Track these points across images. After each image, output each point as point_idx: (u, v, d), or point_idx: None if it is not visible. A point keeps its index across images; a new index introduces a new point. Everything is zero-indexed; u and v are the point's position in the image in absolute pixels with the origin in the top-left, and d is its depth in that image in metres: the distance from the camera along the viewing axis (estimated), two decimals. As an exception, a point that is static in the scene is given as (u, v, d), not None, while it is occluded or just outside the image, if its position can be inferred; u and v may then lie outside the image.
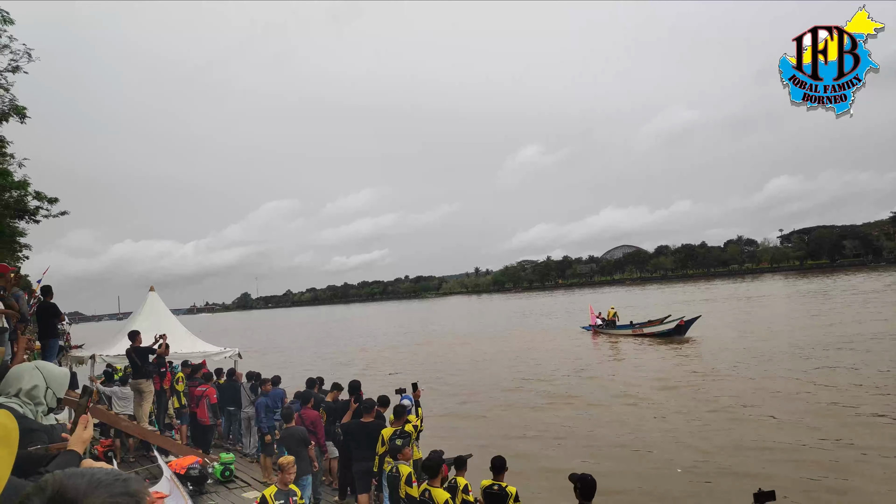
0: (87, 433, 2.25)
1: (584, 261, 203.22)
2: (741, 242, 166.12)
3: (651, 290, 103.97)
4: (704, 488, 10.72)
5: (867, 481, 10.40)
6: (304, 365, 31.58)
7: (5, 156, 18.00)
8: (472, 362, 28.97)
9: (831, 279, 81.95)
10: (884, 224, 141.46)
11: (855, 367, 19.45)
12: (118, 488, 1.15)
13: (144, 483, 1.29)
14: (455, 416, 17.56)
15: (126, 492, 1.16)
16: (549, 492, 10.43)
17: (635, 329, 35.82)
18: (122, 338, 13.86)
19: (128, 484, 1.18)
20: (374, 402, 8.81)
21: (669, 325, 33.20)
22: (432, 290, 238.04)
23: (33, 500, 1.10)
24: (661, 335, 33.14)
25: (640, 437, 14.00)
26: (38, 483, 1.16)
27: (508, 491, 6.44)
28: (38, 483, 1.16)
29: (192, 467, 9.86)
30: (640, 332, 35.06)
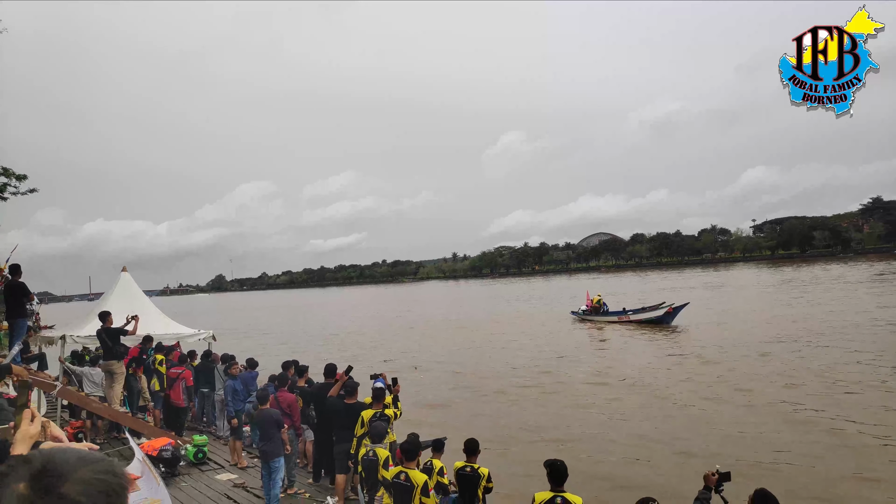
0: (35, 428, 2.00)
1: (560, 247, 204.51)
2: (715, 231, 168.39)
3: (626, 277, 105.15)
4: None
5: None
6: (281, 349, 31.44)
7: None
8: (467, 348, 28.70)
9: (804, 269, 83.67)
10: (853, 216, 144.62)
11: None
12: (104, 466, 1.17)
13: (123, 466, 1.30)
14: (448, 402, 17.58)
15: (112, 471, 1.17)
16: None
17: (621, 316, 35.42)
18: (93, 318, 13.63)
19: (112, 464, 1.20)
20: (357, 385, 8.84)
21: (658, 312, 32.93)
22: (409, 274, 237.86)
23: (18, 471, 1.10)
24: (648, 322, 32.86)
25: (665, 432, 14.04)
26: (25, 455, 1.16)
27: (481, 472, 6.51)
28: (26, 455, 1.16)
29: (165, 449, 9.80)
30: (627, 319, 34.71)
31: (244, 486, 9.34)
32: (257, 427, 9.03)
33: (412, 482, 6.19)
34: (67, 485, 1.08)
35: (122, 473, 1.18)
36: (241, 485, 9.39)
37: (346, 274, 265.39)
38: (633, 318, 34.40)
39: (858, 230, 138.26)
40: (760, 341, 23.76)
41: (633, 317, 34.43)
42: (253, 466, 10.23)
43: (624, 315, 35.32)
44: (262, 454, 8.53)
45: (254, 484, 9.34)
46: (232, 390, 10.74)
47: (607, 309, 37.66)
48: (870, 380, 16.36)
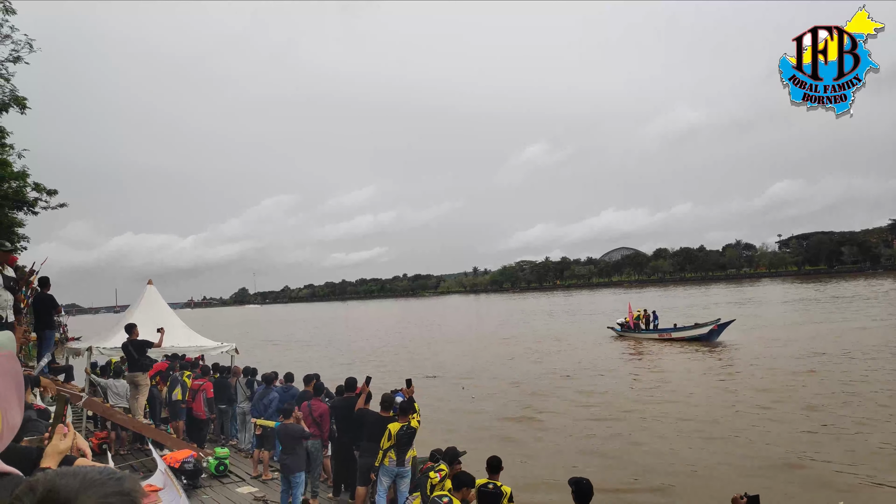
0: (65, 444, 2.05)
1: (582, 262, 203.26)
2: (739, 247, 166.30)
3: (648, 292, 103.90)
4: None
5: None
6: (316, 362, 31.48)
7: (5, 146, 17.98)
8: (506, 366, 27.67)
9: (834, 285, 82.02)
10: (882, 231, 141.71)
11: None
12: (111, 487, 1.12)
13: (139, 480, 1.26)
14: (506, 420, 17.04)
15: (120, 491, 1.13)
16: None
17: (663, 333, 33.91)
18: (119, 330, 13.80)
19: (121, 482, 1.15)
20: (393, 398, 8.83)
21: (702, 329, 31.20)
22: (430, 288, 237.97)
23: (24, 501, 1.07)
24: (692, 340, 31.30)
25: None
26: (28, 482, 1.13)
27: (503, 490, 6.43)
28: (29, 482, 1.13)
29: (187, 461, 9.84)
30: (669, 336, 33.15)
31: (265, 499, 9.33)
32: (279, 441, 9.04)
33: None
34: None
35: (131, 490, 1.14)
36: (261, 498, 9.37)
37: (368, 288, 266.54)
38: (675, 335, 32.83)
39: (888, 245, 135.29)
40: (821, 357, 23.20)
41: (676, 334, 32.84)
42: (275, 479, 10.22)
43: (665, 333, 33.80)
44: (283, 468, 8.52)
45: (275, 497, 9.33)
46: (268, 401, 10.78)
47: (658, 323, 35.95)
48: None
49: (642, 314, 36.99)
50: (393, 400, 8.79)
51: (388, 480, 8.09)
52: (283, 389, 11.13)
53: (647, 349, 30.88)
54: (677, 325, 34.00)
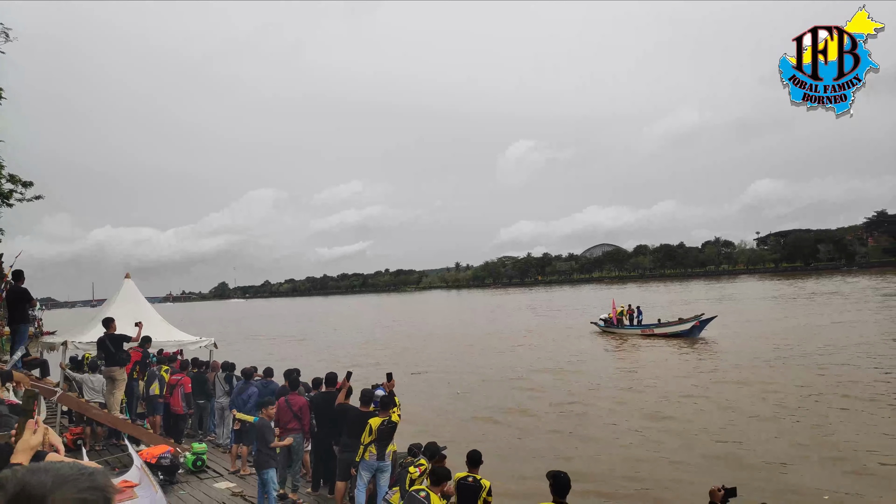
0: (36, 439, 2.03)
1: (564, 258, 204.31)
2: (718, 244, 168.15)
3: (629, 288, 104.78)
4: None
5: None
6: (297, 358, 31.30)
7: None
8: (493, 365, 26.90)
9: (812, 282, 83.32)
10: (857, 229, 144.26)
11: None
12: (85, 483, 1.10)
13: (110, 475, 1.24)
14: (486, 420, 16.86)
15: (93, 486, 1.11)
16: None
17: (645, 329, 34.23)
18: (96, 325, 13.61)
19: (94, 478, 1.13)
20: (374, 393, 8.83)
21: (684, 326, 31.70)
22: (412, 284, 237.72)
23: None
24: (674, 336, 31.70)
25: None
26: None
27: (483, 483, 6.47)
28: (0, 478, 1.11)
29: (164, 457, 9.74)
30: (651, 332, 33.59)
31: (242, 494, 9.27)
32: (254, 437, 8.98)
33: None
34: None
35: (104, 485, 1.13)
36: (239, 493, 9.32)
37: (349, 283, 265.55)
38: (657, 331, 33.26)
39: (863, 244, 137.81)
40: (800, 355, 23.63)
41: (658, 330, 33.25)
42: (253, 474, 10.16)
43: (648, 328, 34.15)
44: (255, 464, 8.48)
45: (252, 493, 9.28)
46: (247, 396, 10.67)
47: (642, 319, 36.27)
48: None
49: (626, 310, 37.23)
50: (373, 395, 8.79)
51: (368, 475, 8.08)
52: (262, 384, 11.04)
53: (630, 345, 31.09)
54: (661, 321, 34.26)
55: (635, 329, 35.14)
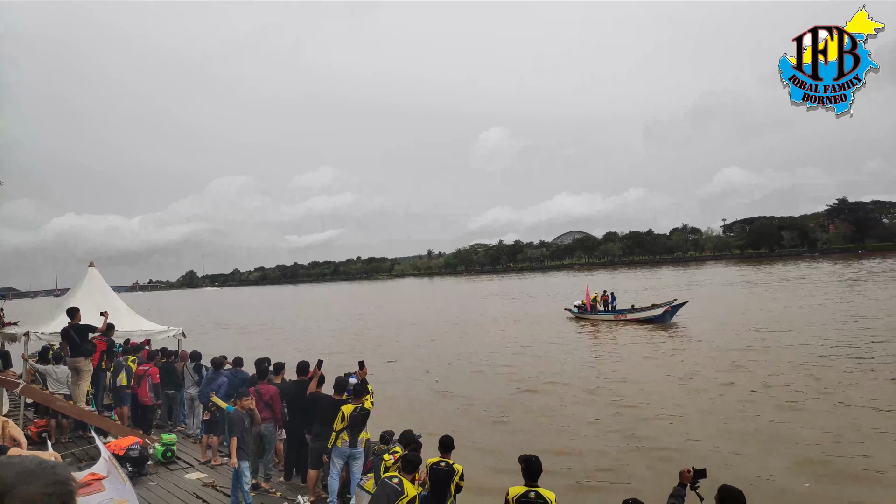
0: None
1: (535, 245, 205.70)
2: (686, 231, 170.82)
3: (599, 275, 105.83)
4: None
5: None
6: (268, 347, 31.03)
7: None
8: (469, 351, 27.07)
9: (778, 267, 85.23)
10: (819, 217, 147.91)
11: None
12: (49, 477, 1.09)
13: (77, 468, 1.21)
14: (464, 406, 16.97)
15: (57, 480, 1.09)
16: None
17: (618, 315, 34.62)
18: (59, 315, 13.30)
19: (56, 471, 1.11)
20: (347, 382, 8.79)
21: (655, 311, 32.23)
22: (385, 271, 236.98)
23: None
24: (647, 321, 32.17)
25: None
26: None
27: (455, 468, 6.53)
28: None
29: (132, 448, 9.61)
30: (624, 318, 33.99)
31: (214, 484, 9.20)
32: (227, 427, 8.88)
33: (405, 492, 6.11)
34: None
35: (66, 479, 1.11)
36: (210, 484, 9.24)
37: (320, 270, 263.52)
38: (630, 317, 33.67)
39: (825, 230, 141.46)
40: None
41: (631, 316, 33.66)
42: (224, 464, 10.09)
43: (621, 314, 34.56)
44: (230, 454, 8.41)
45: (223, 483, 9.21)
46: (216, 385, 10.54)
47: (615, 305, 36.53)
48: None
49: (599, 296, 37.61)
50: (346, 383, 8.77)
51: (340, 462, 8.08)
52: (232, 374, 10.93)
53: (603, 330, 31.47)
54: (634, 307, 34.64)
55: (608, 315, 35.53)
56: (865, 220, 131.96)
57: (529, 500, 5.38)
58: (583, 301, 37.90)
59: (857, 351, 20.02)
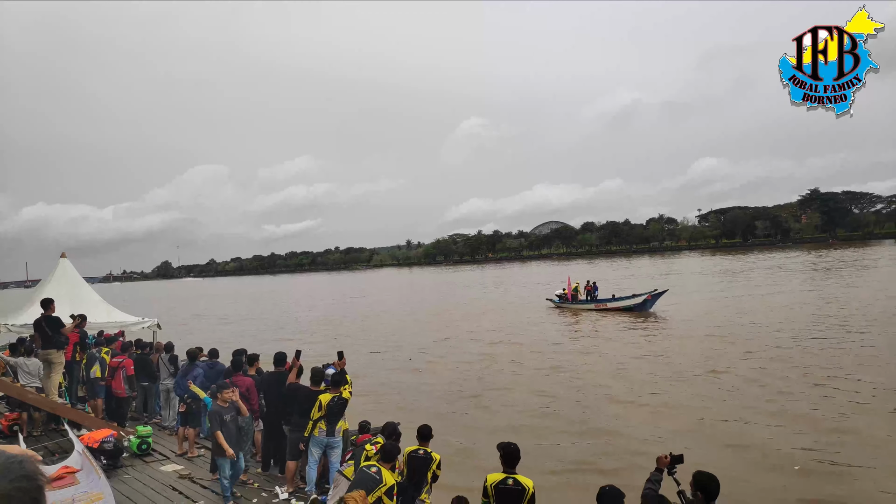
0: None
1: (513, 235, 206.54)
2: (662, 221, 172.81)
3: (576, 264, 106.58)
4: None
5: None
6: (246, 338, 30.73)
7: None
8: (453, 341, 27.11)
9: (753, 257, 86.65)
10: (792, 207, 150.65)
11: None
12: (17, 471, 1.07)
13: (51, 462, 1.19)
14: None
15: (24, 475, 1.07)
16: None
17: (599, 304, 34.78)
18: (31, 306, 13.09)
19: (24, 466, 1.09)
20: (323, 372, 8.77)
21: (636, 300, 32.49)
22: (363, 262, 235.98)
23: None
24: (627, 310, 32.37)
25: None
26: None
27: (433, 456, 6.58)
28: None
29: (107, 441, 9.48)
30: (605, 307, 34.15)
31: (190, 476, 9.14)
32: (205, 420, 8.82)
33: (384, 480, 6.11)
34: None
35: (34, 473, 1.09)
36: (186, 475, 9.18)
37: (298, 261, 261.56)
38: (610, 306, 33.89)
39: (797, 220, 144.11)
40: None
41: (612, 305, 33.86)
42: (201, 456, 10.02)
43: (602, 303, 34.71)
44: (213, 449, 8.36)
45: (200, 475, 9.15)
46: (192, 377, 10.43)
47: (598, 294, 36.61)
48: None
49: (584, 286, 37.70)
50: (323, 374, 8.75)
51: (318, 451, 8.08)
52: (209, 365, 10.84)
53: (583, 319, 31.74)
54: (615, 296, 34.84)
55: (589, 304, 35.72)
56: (836, 211, 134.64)
57: (507, 486, 5.44)
58: (564, 290, 38.16)
59: (833, 337, 20.50)
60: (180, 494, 8.46)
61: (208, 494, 8.39)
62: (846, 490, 9.25)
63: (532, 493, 5.43)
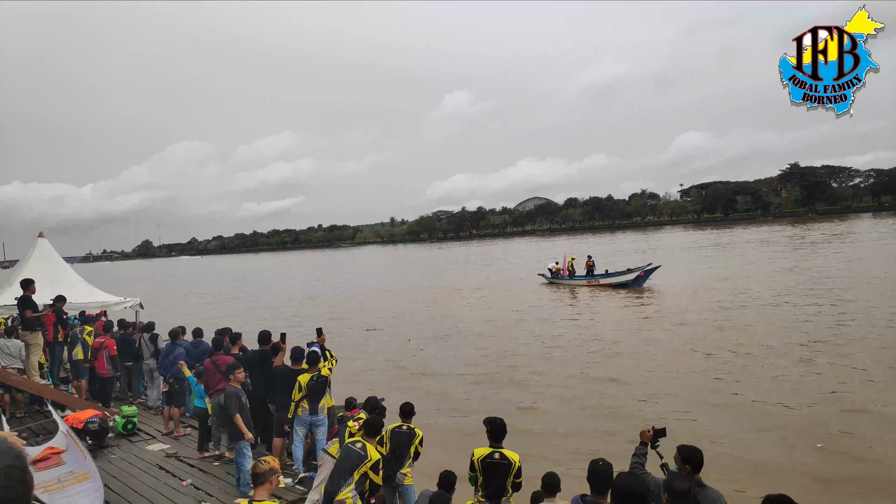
0: None
1: (497, 212, 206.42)
2: (644, 196, 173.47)
3: (560, 240, 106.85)
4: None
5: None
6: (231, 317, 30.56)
7: None
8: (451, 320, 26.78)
9: (737, 231, 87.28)
10: (772, 181, 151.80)
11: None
12: (7, 453, 1.05)
13: (33, 442, 1.18)
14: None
15: (9, 456, 1.06)
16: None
17: (591, 280, 34.81)
18: (9, 287, 12.90)
19: (11, 450, 1.08)
20: (304, 352, 8.78)
21: (629, 275, 32.44)
22: (347, 239, 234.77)
23: None
24: (620, 286, 32.36)
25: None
26: None
27: (416, 432, 6.67)
28: None
29: (91, 421, 9.46)
30: (597, 283, 34.19)
31: (177, 455, 9.15)
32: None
33: (369, 456, 6.14)
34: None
35: (19, 453, 1.08)
36: (173, 454, 9.19)
37: (280, 239, 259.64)
38: (603, 281, 33.94)
39: (777, 195, 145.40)
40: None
41: (604, 280, 33.89)
42: (187, 435, 10.03)
43: (594, 279, 34.67)
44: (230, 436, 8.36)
45: (187, 453, 9.18)
46: (174, 357, 10.37)
47: (595, 270, 36.04)
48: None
49: (573, 262, 37.50)
50: (303, 352, 8.74)
51: (303, 430, 8.13)
52: (193, 345, 10.79)
53: (578, 295, 31.94)
54: (608, 272, 34.83)
55: (581, 280, 35.69)
56: (816, 185, 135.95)
57: (494, 460, 5.52)
58: (557, 266, 38.17)
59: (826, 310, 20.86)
60: (167, 473, 8.48)
61: (195, 473, 8.43)
62: (869, 469, 9.11)
63: (518, 467, 5.51)
